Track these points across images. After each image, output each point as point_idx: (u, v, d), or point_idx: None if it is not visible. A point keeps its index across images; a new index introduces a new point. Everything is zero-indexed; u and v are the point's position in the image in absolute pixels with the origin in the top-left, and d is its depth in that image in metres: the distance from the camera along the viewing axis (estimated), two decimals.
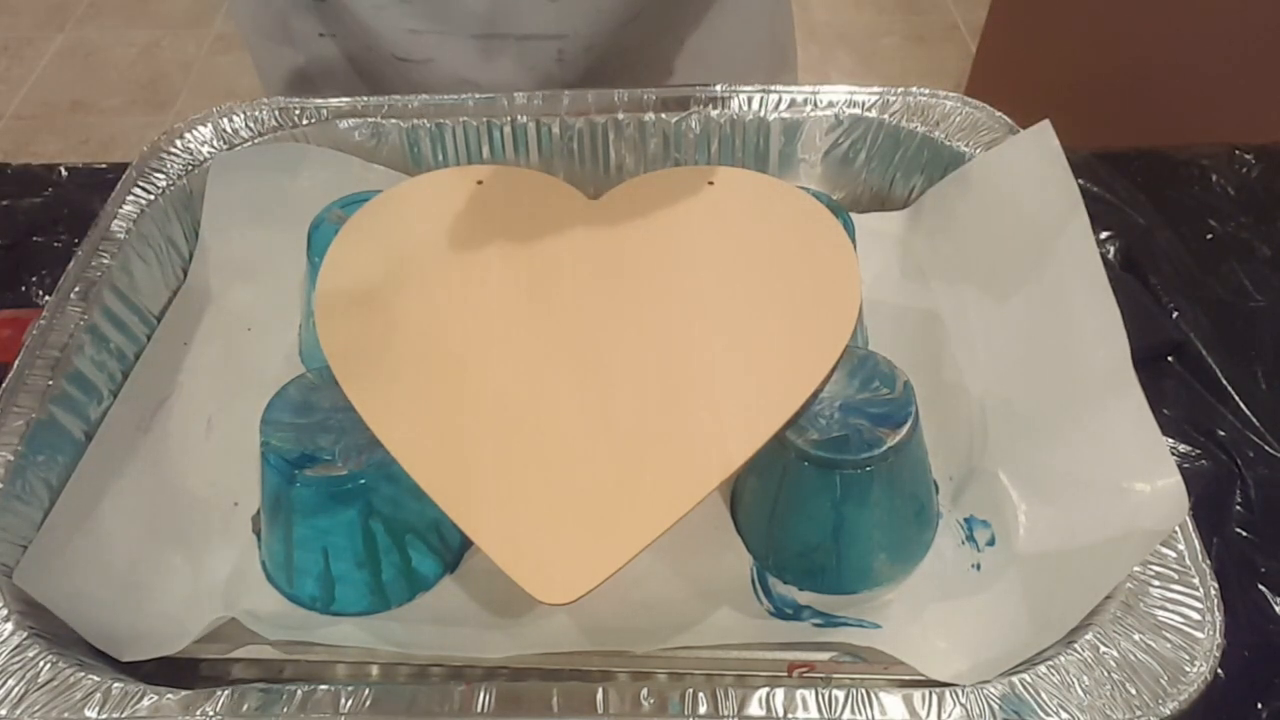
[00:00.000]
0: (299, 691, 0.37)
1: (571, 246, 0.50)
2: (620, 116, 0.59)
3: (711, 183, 0.53)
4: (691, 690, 0.37)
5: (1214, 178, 0.70)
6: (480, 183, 0.54)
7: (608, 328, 0.46)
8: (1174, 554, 0.40)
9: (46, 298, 0.52)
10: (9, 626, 0.39)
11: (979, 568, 0.44)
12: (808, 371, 0.43)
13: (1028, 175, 0.52)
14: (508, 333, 0.46)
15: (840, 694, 0.36)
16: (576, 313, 0.46)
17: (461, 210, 0.52)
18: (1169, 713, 0.36)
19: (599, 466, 0.41)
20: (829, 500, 0.42)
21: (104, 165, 0.73)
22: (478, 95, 0.60)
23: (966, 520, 0.46)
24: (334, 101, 0.60)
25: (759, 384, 0.43)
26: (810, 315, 0.46)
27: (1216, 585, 0.39)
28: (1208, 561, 0.40)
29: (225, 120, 0.60)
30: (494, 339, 0.45)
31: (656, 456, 0.41)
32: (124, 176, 0.57)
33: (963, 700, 0.36)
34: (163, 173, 0.57)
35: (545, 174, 0.56)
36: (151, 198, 0.56)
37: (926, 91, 0.59)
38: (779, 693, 0.37)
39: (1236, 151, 0.71)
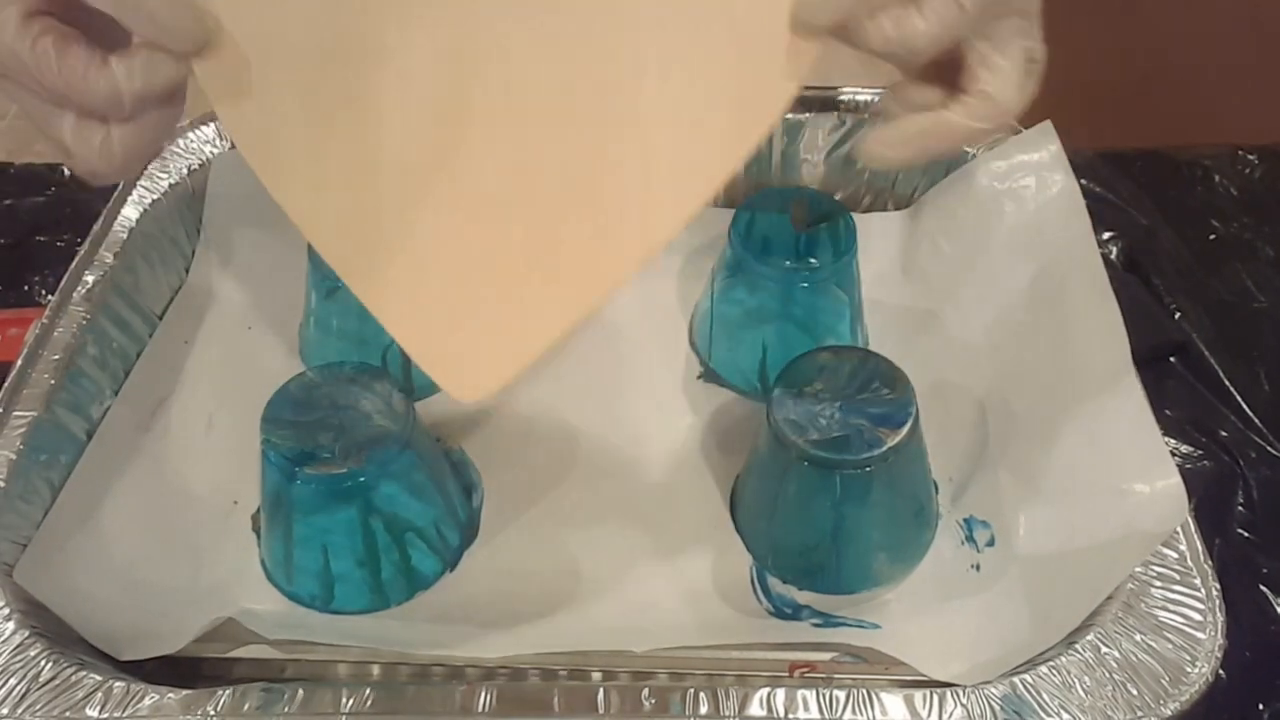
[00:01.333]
0: (300, 691, 0.37)
1: None
2: None
3: None
4: (692, 690, 0.37)
5: (1217, 178, 0.70)
6: None
7: (527, 73, 0.38)
8: (1175, 554, 0.40)
9: (49, 297, 0.52)
10: (10, 625, 0.39)
11: (979, 568, 0.44)
12: (746, 128, 0.37)
13: (1029, 175, 0.52)
14: (420, 84, 0.38)
15: (841, 694, 0.36)
16: (496, 59, 0.38)
17: None
18: (1170, 713, 0.36)
19: (515, 242, 0.37)
20: (829, 500, 0.42)
21: None
22: None
23: (966, 521, 0.46)
24: None
25: (691, 141, 0.37)
26: (756, 62, 0.37)
27: (1218, 586, 0.39)
28: (1209, 562, 0.40)
29: None
30: (405, 91, 0.38)
31: (577, 229, 0.37)
32: None
33: (964, 700, 0.36)
34: (165, 172, 0.57)
35: None
36: (154, 197, 0.56)
37: None
38: (780, 693, 0.37)
39: (1239, 152, 0.71)
